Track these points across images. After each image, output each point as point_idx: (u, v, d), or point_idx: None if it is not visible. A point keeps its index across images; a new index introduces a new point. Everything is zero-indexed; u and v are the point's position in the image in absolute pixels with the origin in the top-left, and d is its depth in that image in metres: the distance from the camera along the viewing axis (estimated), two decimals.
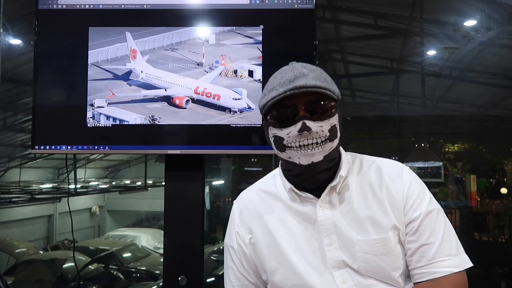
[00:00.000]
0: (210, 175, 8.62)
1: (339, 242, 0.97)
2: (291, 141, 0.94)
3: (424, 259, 0.94)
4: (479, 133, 6.78)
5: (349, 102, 6.42)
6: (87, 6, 1.56)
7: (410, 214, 0.96)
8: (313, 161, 0.94)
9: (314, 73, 0.95)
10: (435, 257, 0.93)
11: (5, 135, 8.22)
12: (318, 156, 0.93)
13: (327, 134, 0.93)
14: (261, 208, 1.06)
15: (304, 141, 0.93)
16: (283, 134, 0.95)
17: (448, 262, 0.93)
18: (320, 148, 0.93)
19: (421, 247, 0.94)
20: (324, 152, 0.94)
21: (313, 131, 0.92)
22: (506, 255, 5.57)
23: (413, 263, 0.95)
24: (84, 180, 12.62)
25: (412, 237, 0.95)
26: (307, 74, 0.93)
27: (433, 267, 0.93)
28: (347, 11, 4.31)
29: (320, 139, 0.93)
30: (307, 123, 0.92)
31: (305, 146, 0.93)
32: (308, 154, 0.93)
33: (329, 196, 0.99)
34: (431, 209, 0.96)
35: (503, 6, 3.66)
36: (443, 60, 4.75)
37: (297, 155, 0.94)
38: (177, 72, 1.54)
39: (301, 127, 0.92)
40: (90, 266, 6.21)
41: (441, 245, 0.94)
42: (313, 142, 0.92)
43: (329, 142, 0.94)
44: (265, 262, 1.02)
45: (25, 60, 4.35)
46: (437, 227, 0.95)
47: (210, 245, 7.45)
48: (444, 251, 0.93)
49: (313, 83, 0.92)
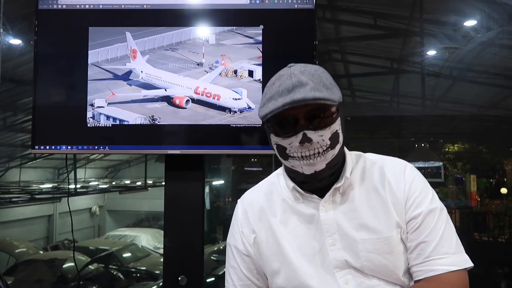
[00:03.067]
0: (210, 175, 8.62)
1: (342, 242, 0.96)
2: (293, 151, 0.94)
3: (421, 257, 0.93)
4: (479, 133, 6.78)
5: (349, 102, 6.41)
6: (87, 6, 1.56)
7: (411, 211, 0.96)
8: (315, 170, 0.94)
9: (313, 80, 0.92)
10: (432, 255, 0.92)
11: (5, 135, 8.22)
12: (320, 164, 0.94)
13: (328, 143, 0.93)
14: (265, 208, 1.06)
15: (306, 152, 0.93)
16: (286, 144, 0.95)
17: (445, 260, 0.92)
18: (322, 157, 0.93)
19: (420, 244, 0.93)
20: (326, 160, 0.94)
21: (314, 142, 0.92)
22: (506, 255, 5.57)
23: (411, 260, 0.95)
24: (84, 180, 12.62)
25: (413, 235, 0.95)
26: (305, 83, 0.90)
27: (430, 265, 0.92)
28: (347, 11, 4.31)
29: (322, 148, 0.93)
30: (308, 133, 0.91)
31: (307, 156, 0.93)
32: (310, 164, 0.93)
33: (332, 197, 0.99)
34: (433, 208, 0.96)
35: (503, 6, 3.65)
36: (443, 60, 4.75)
37: (300, 165, 0.95)
38: (177, 72, 1.54)
39: (302, 139, 0.91)
40: (90, 266, 6.21)
41: (439, 243, 0.93)
42: (314, 153, 0.92)
43: (330, 150, 0.94)
44: (268, 263, 1.02)
45: (25, 60, 4.35)
46: (437, 226, 0.94)
47: (210, 245, 7.45)
48: (442, 249, 0.93)
49: (311, 95, 0.89)
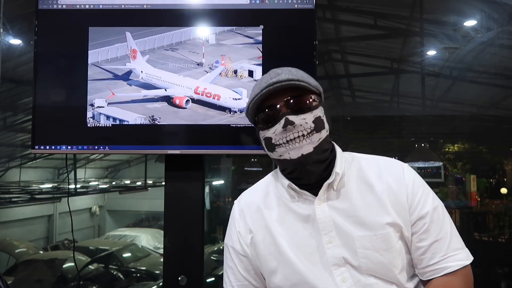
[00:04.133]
0: (210, 175, 8.62)
1: (339, 240, 0.97)
2: (278, 139, 0.97)
3: (437, 255, 0.95)
4: (479, 133, 6.78)
5: (349, 102, 6.42)
6: (87, 6, 1.56)
7: (417, 212, 0.97)
8: (302, 153, 0.95)
9: (289, 71, 0.99)
10: (448, 252, 0.95)
11: (5, 135, 8.22)
12: (307, 147, 0.95)
13: (312, 126, 0.95)
14: (262, 208, 1.06)
15: (290, 135, 0.95)
16: (271, 134, 0.98)
17: (459, 256, 0.95)
18: (308, 139, 0.95)
19: (433, 244, 0.95)
20: (313, 143, 0.96)
21: (296, 124, 0.94)
22: (506, 255, 5.57)
23: (426, 260, 0.96)
24: (84, 180, 12.61)
25: (424, 235, 0.96)
26: (280, 73, 0.97)
27: (447, 262, 0.94)
28: (347, 11, 4.31)
29: (306, 131, 0.95)
30: (290, 117, 0.95)
31: (292, 140, 0.95)
32: (296, 147, 0.95)
33: (326, 194, 1.00)
34: (436, 205, 0.98)
35: (503, 6, 3.65)
36: (443, 60, 4.75)
37: (286, 151, 0.96)
38: (177, 72, 1.54)
39: (285, 123, 0.94)
40: (90, 266, 6.21)
41: (451, 239, 0.96)
42: (299, 135, 0.95)
43: (316, 133, 0.96)
44: (265, 262, 1.02)
45: (25, 60, 4.35)
46: (444, 222, 0.97)
47: (210, 245, 7.45)
48: (454, 245, 0.96)
49: (285, 77, 0.96)
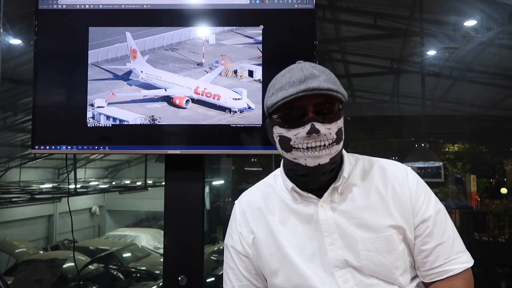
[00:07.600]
0: (210, 175, 8.61)
1: (341, 241, 0.97)
2: (298, 142, 0.93)
3: (440, 258, 0.95)
4: (479, 133, 6.77)
5: (349, 102, 6.40)
6: (87, 6, 1.56)
7: (420, 214, 0.97)
8: (320, 163, 0.93)
9: (325, 74, 0.94)
10: (451, 255, 0.95)
11: (5, 135, 8.22)
12: (325, 158, 0.93)
13: (334, 137, 0.93)
14: (263, 209, 1.06)
15: (312, 143, 0.92)
16: (291, 135, 0.94)
17: (461, 259, 0.96)
18: (328, 150, 0.93)
19: (437, 247, 0.96)
20: (331, 154, 0.94)
21: (321, 134, 0.91)
22: (506, 255, 5.56)
23: (429, 263, 0.96)
24: (84, 180, 12.60)
25: (428, 238, 0.96)
26: (318, 76, 0.92)
27: (450, 265, 0.95)
28: (347, 11, 4.31)
29: (328, 141, 0.92)
30: (316, 125, 0.91)
31: (313, 148, 0.92)
32: (315, 156, 0.93)
33: (331, 197, 1.00)
34: (438, 209, 0.99)
35: (503, 6, 3.65)
36: (443, 60, 4.74)
37: (304, 157, 0.94)
38: (177, 72, 1.54)
39: (310, 129, 0.91)
40: (90, 266, 6.21)
41: (454, 242, 0.97)
42: (320, 145, 0.92)
43: (335, 144, 0.94)
44: (267, 263, 1.01)
45: (25, 60, 4.35)
46: (447, 226, 0.98)
47: (210, 245, 7.45)
48: (456, 248, 0.96)
49: (325, 85, 0.91)
